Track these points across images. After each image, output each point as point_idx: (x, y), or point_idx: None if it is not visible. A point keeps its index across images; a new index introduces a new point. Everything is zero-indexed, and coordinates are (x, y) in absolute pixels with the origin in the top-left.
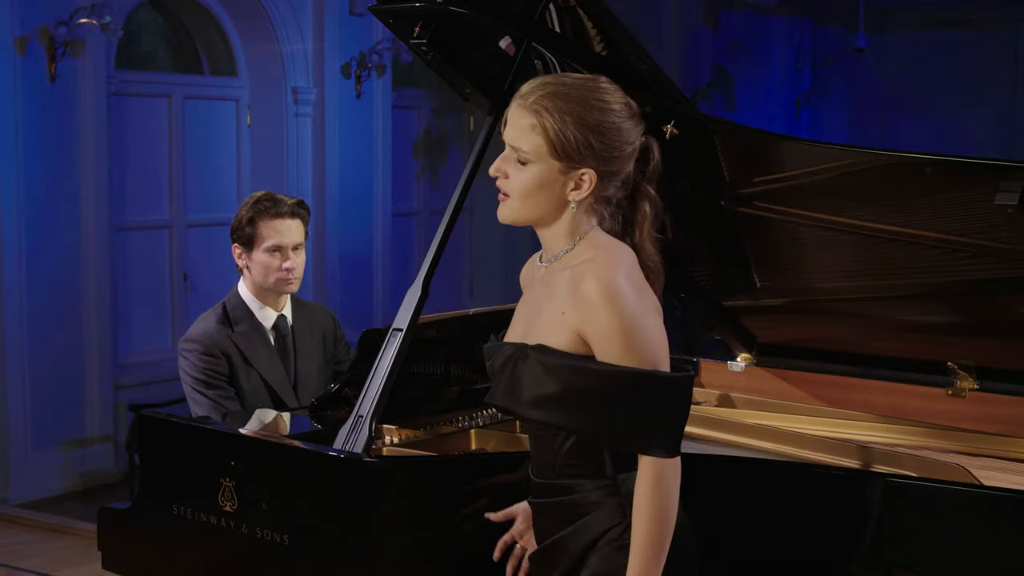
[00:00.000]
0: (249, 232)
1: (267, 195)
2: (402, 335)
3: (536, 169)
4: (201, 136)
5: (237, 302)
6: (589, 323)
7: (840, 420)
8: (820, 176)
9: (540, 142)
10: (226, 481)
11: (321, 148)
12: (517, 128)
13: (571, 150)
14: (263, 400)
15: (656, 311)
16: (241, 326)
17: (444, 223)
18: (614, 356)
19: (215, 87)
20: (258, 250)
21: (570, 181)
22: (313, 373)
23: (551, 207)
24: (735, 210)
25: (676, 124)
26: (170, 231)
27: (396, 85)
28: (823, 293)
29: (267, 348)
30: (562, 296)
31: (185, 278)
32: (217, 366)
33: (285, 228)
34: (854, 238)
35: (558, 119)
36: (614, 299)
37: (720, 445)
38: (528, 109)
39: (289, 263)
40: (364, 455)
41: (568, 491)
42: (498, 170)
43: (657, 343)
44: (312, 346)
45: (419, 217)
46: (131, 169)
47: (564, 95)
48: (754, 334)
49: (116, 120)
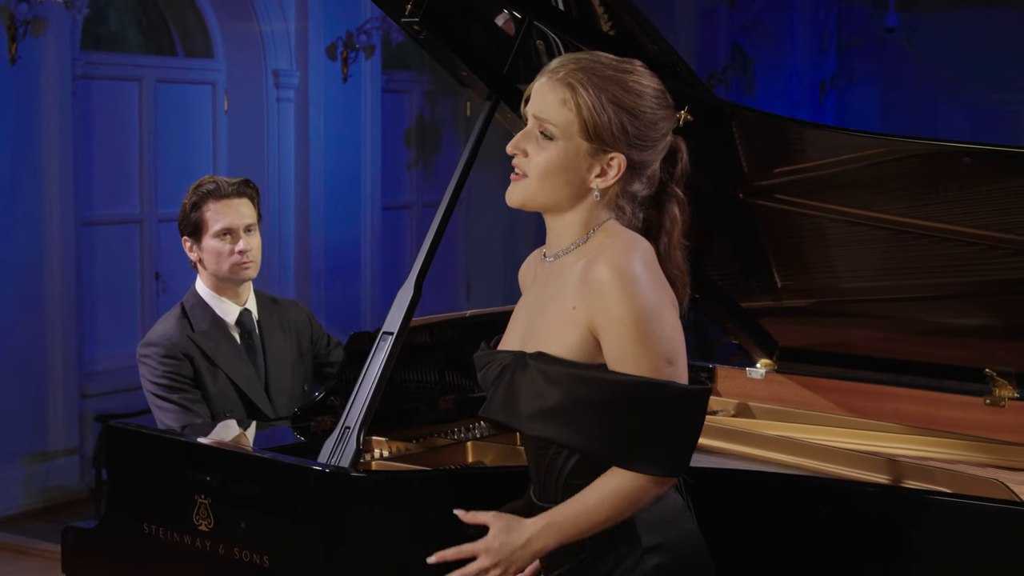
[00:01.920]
0: (195, 219)
1: (208, 178)
2: (393, 339)
3: (562, 146)
4: (174, 123)
5: (195, 300)
6: (599, 311)
7: (868, 431)
8: (847, 167)
9: (571, 118)
10: (201, 498)
11: (304, 136)
12: (546, 101)
13: (604, 131)
14: (232, 403)
15: (673, 305)
16: (202, 324)
17: (439, 217)
18: (625, 348)
19: (189, 70)
20: (207, 237)
21: (597, 165)
22: (286, 373)
23: (570, 192)
24: (754, 203)
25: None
26: (140, 226)
27: (386, 67)
28: (850, 293)
29: (232, 346)
30: (572, 290)
31: (157, 277)
32: (180, 369)
33: (233, 209)
34: (884, 234)
35: (594, 96)
36: (628, 284)
37: (738, 459)
38: (561, 83)
39: (242, 244)
40: (351, 469)
41: None
42: (516, 147)
43: (673, 337)
44: (283, 343)
45: (411, 211)
46: (98, 159)
47: (600, 73)
48: (775, 338)
49: (82, 106)
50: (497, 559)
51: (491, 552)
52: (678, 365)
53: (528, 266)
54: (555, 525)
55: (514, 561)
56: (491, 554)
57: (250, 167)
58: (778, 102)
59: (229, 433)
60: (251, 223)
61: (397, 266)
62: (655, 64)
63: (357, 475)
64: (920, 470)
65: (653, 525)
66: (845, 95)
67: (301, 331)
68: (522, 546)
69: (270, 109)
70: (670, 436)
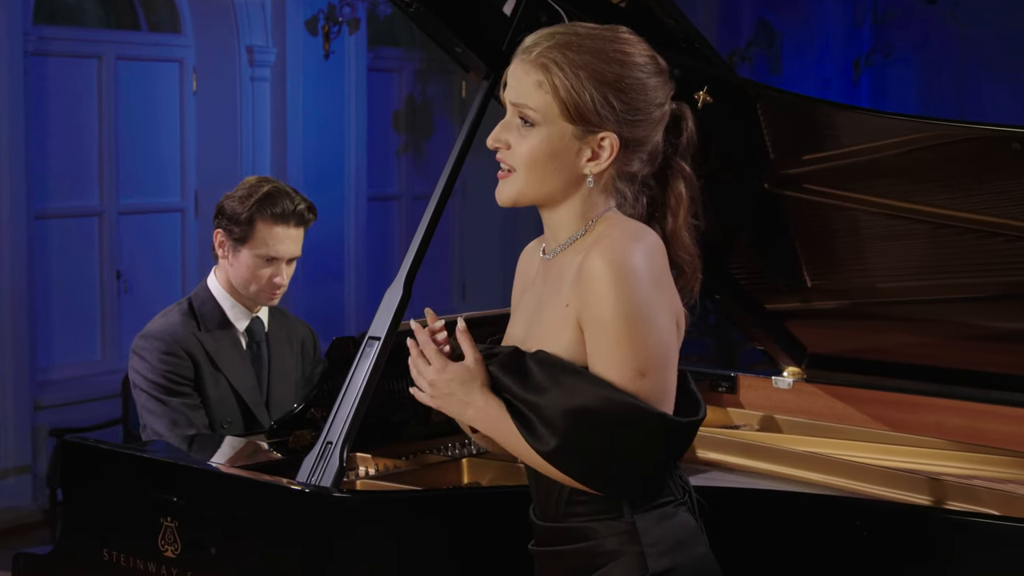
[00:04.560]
0: (245, 231)
1: (275, 188)
2: (379, 344)
3: (545, 132)
4: (137, 105)
5: (207, 297)
6: (584, 303)
7: (906, 447)
8: (884, 153)
9: (549, 101)
10: (167, 520)
11: (282, 119)
12: (521, 86)
13: (587, 111)
14: (231, 413)
15: (670, 311)
16: (210, 325)
17: (431, 209)
18: (599, 346)
19: (154, 46)
20: (248, 252)
21: (587, 148)
22: (289, 389)
23: (562, 181)
24: (781, 194)
25: (710, 90)
26: (100, 219)
27: (372, 43)
28: (886, 294)
29: (238, 353)
30: (568, 287)
31: (119, 276)
32: (181, 368)
33: (287, 238)
34: (924, 228)
35: (570, 74)
36: (620, 278)
37: (762, 477)
38: (534, 64)
39: (280, 278)
40: (334, 489)
41: (578, 537)
42: (498, 140)
43: (658, 347)
44: (289, 361)
45: (400, 202)
46: (53, 145)
47: (576, 46)
48: (803, 343)
49: (35, 85)
50: (434, 394)
51: (436, 385)
52: (655, 379)
53: (527, 258)
54: (492, 421)
55: (443, 404)
56: (435, 387)
57: (221, 154)
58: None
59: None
60: (296, 256)
61: (384, 264)
62: (671, 40)
63: (340, 496)
64: (965, 490)
65: (663, 549)
66: (881, 74)
67: (306, 353)
68: (459, 401)
69: (243, 89)
70: (640, 463)
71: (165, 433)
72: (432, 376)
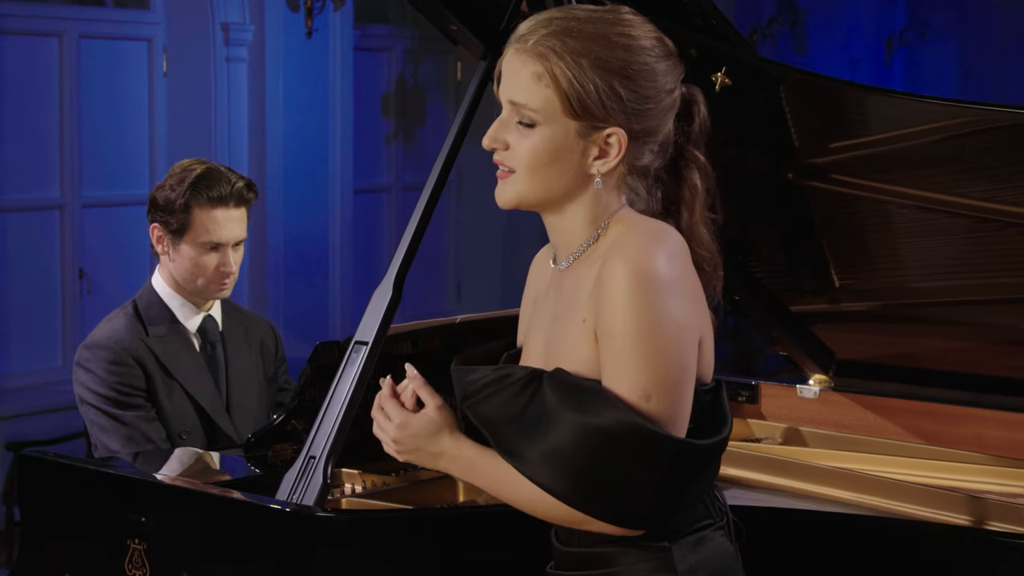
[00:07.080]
0: (181, 220)
1: (208, 170)
2: (367, 350)
3: (547, 132)
4: (102, 87)
5: (152, 299)
6: (600, 312)
7: (943, 462)
8: (919, 140)
9: (550, 96)
10: (135, 543)
11: (260, 104)
12: (517, 80)
13: (592, 104)
14: (191, 424)
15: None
16: (158, 328)
17: (423, 203)
18: (608, 357)
19: (121, 23)
20: (189, 243)
21: (593, 147)
22: (251, 393)
23: (568, 183)
24: (807, 185)
25: (728, 72)
26: (61, 213)
27: (359, 21)
28: (922, 294)
29: (192, 356)
30: (585, 298)
31: (81, 275)
32: (131, 379)
33: (228, 220)
34: (963, 222)
35: (571, 63)
36: (640, 288)
37: (787, 495)
38: (531, 53)
39: (228, 266)
40: (317, 508)
41: (607, 562)
42: (495, 140)
43: (674, 367)
44: (249, 361)
45: (389, 194)
46: (10, 131)
47: (577, 32)
48: (831, 348)
49: None
50: (400, 450)
51: (400, 442)
52: (661, 403)
53: (539, 267)
54: (467, 465)
55: (412, 459)
56: (399, 443)
57: (194, 141)
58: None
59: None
60: (241, 238)
61: (372, 262)
62: (687, 17)
63: (324, 515)
64: (1008, 509)
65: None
66: (916, 53)
67: (266, 351)
68: (428, 454)
69: (218, 71)
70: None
71: (120, 451)
72: (394, 434)
